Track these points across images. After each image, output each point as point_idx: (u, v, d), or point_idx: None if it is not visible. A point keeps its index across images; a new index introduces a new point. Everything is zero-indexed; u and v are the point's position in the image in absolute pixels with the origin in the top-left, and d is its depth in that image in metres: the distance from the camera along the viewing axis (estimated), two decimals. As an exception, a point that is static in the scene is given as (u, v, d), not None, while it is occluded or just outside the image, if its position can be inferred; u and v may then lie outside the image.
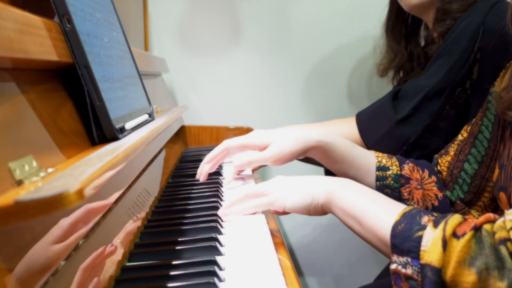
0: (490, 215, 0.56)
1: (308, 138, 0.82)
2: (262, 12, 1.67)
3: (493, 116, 0.80)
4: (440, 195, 0.84)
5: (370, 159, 0.86)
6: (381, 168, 0.85)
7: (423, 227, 0.56)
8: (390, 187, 0.84)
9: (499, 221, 0.54)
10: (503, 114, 0.73)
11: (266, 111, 1.71)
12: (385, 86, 1.42)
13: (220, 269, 0.57)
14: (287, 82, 1.71)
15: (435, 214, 0.59)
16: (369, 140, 1.07)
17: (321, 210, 0.70)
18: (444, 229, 0.54)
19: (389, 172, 0.84)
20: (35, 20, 0.55)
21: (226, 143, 0.90)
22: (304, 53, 1.70)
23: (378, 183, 0.84)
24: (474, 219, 0.55)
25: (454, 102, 0.99)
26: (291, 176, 0.76)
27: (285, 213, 0.73)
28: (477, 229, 0.54)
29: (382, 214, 0.62)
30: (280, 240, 0.68)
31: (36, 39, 0.53)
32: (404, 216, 0.59)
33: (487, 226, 0.54)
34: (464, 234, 0.53)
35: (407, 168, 0.85)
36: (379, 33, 1.34)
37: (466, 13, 1.02)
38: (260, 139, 0.86)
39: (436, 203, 0.83)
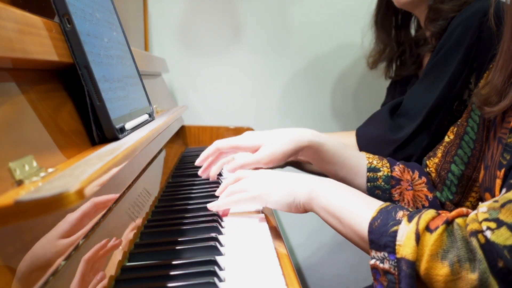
0: (463, 209, 0.57)
1: (300, 138, 0.82)
2: (262, 12, 1.67)
3: (478, 117, 0.81)
4: (430, 196, 0.84)
5: (361, 160, 0.86)
6: (372, 169, 0.85)
7: (398, 222, 0.57)
8: (381, 188, 0.84)
9: (472, 214, 0.55)
10: (480, 109, 0.74)
11: (266, 111, 1.71)
12: (384, 86, 1.42)
13: (220, 269, 0.57)
14: (287, 82, 1.71)
15: (410, 209, 0.60)
16: None
17: (303, 208, 0.71)
18: (417, 223, 0.56)
19: (380, 174, 0.85)
20: (35, 20, 0.55)
21: (217, 144, 0.88)
22: (304, 53, 1.70)
23: (369, 184, 0.84)
24: (447, 213, 0.56)
25: (452, 115, 0.98)
26: (275, 171, 0.76)
27: None
28: (449, 222, 0.55)
29: (360, 211, 0.63)
30: (280, 240, 0.68)
31: (36, 39, 0.53)
32: (381, 211, 0.61)
33: (459, 220, 0.55)
34: (437, 228, 0.54)
35: (398, 169, 0.86)
36: (366, 23, 1.33)
37: (461, 16, 1.00)
38: (251, 141, 0.84)
39: (426, 204, 0.84)
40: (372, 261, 0.59)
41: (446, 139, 0.87)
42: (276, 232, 0.71)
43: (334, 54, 1.70)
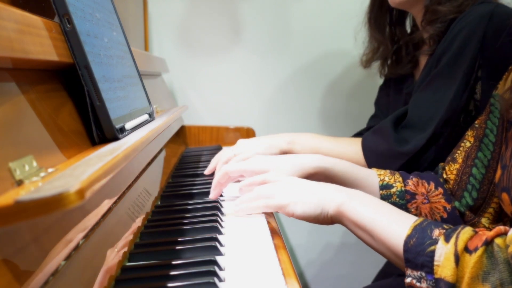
0: (501, 228, 0.55)
1: (306, 165, 0.80)
2: (262, 12, 1.67)
3: (497, 119, 0.79)
4: (448, 207, 0.82)
5: (372, 178, 0.84)
6: (384, 186, 0.83)
7: (435, 241, 0.56)
8: (396, 204, 0.82)
9: (510, 233, 0.53)
10: (507, 113, 0.72)
11: (266, 111, 1.71)
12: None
13: (220, 269, 0.57)
14: (287, 82, 1.71)
15: (445, 226, 0.59)
16: None
17: (330, 220, 0.70)
18: (455, 244, 0.54)
19: (393, 190, 0.83)
20: (35, 20, 0.55)
21: (226, 169, 0.84)
22: (304, 53, 1.70)
23: None
24: (485, 232, 0.55)
25: (460, 128, 0.95)
26: (304, 180, 0.75)
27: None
28: (488, 243, 0.53)
29: (393, 227, 0.62)
30: (280, 240, 0.68)
31: (36, 39, 0.53)
32: (415, 229, 0.59)
33: (498, 240, 0.54)
34: (476, 248, 0.53)
35: (411, 183, 0.84)
36: (359, 22, 1.31)
37: (463, 19, 0.96)
38: (258, 166, 0.82)
39: (445, 215, 0.82)
40: (408, 279, 0.58)
41: (467, 144, 0.85)
42: (276, 232, 0.71)
43: (334, 54, 1.70)
